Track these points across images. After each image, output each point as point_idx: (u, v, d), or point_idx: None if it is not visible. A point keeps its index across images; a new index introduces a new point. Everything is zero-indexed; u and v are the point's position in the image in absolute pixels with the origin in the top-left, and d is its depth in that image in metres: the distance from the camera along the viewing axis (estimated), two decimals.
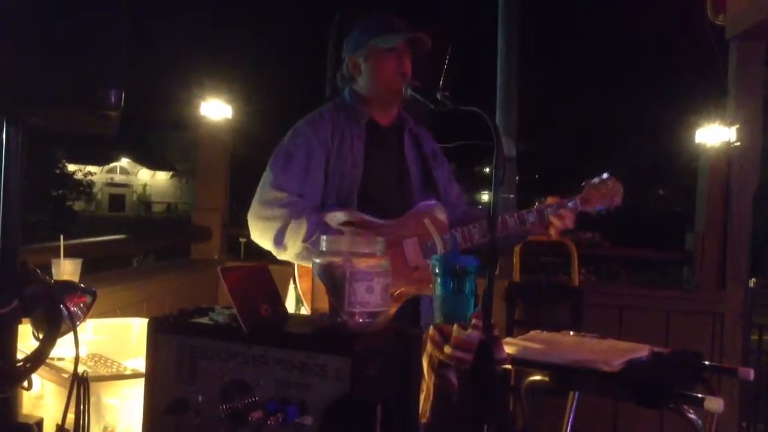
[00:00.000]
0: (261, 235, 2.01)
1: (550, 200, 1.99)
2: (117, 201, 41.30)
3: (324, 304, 1.32)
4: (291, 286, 2.01)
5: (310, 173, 2.03)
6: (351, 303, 1.28)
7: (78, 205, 28.62)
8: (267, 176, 2.04)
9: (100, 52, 1.24)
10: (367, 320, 1.29)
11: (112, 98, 1.24)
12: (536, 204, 2.01)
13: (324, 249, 1.34)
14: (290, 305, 2.00)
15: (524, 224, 1.99)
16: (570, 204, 1.98)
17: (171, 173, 40.58)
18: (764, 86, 3.64)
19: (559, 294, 3.41)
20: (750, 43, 3.53)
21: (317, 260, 1.33)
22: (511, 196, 7.49)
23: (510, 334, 3.38)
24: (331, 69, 3.67)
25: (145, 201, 41.14)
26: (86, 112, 1.25)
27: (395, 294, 1.92)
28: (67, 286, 1.59)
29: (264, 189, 2.02)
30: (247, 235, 2.11)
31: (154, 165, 41.04)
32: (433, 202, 2.11)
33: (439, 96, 1.90)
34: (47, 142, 18.80)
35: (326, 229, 1.93)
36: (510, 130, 7.22)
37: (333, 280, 1.29)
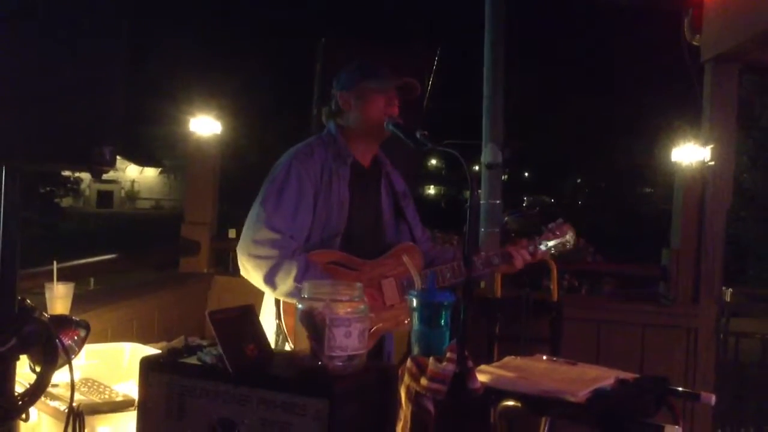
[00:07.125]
0: (252, 272, 2.07)
1: (510, 247, 2.26)
2: (105, 197, 41.20)
3: (305, 345, 1.41)
4: (275, 323, 2.08)
5: (300, 210, 2.09)
6: (330, 347, 1.37)
7: (66, 202, 28.56)
8: (259, 214, 2.08)
9: (98, 113, 1.31)
10: (345, 363, 1.38)
11: (107, 155, 1.32)
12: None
13: (305, 295, 1.43)
14: (273, 339, 2.07)
15: (490, 266, 2.26)
16: (530, 248, 2.28)
17: (159, 169, 40.43)
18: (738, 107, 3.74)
19: (539, 309, 3.51)
20: (724, 66, 3.63)
21: (299, 306, 1.42)
22: (498, 201, 7.60)
23: (491, 348, 3.47)
24: (319, 89, 3.77)
25: (132, 197, 41.04)
26: (81, 167, 1.33)
27: (372, 331, 2.03)
28: (62, 321, 1.67)
29: (257, 227, 2.06)
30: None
31: (143, 161, 40.86)
32: (409, 243, 2.26)
33: (418, 135, 2.00)
34: None
35: (315, 268, 2.02)
36: (496, 137, 7.32)
37: (313, 325, 1.38)
